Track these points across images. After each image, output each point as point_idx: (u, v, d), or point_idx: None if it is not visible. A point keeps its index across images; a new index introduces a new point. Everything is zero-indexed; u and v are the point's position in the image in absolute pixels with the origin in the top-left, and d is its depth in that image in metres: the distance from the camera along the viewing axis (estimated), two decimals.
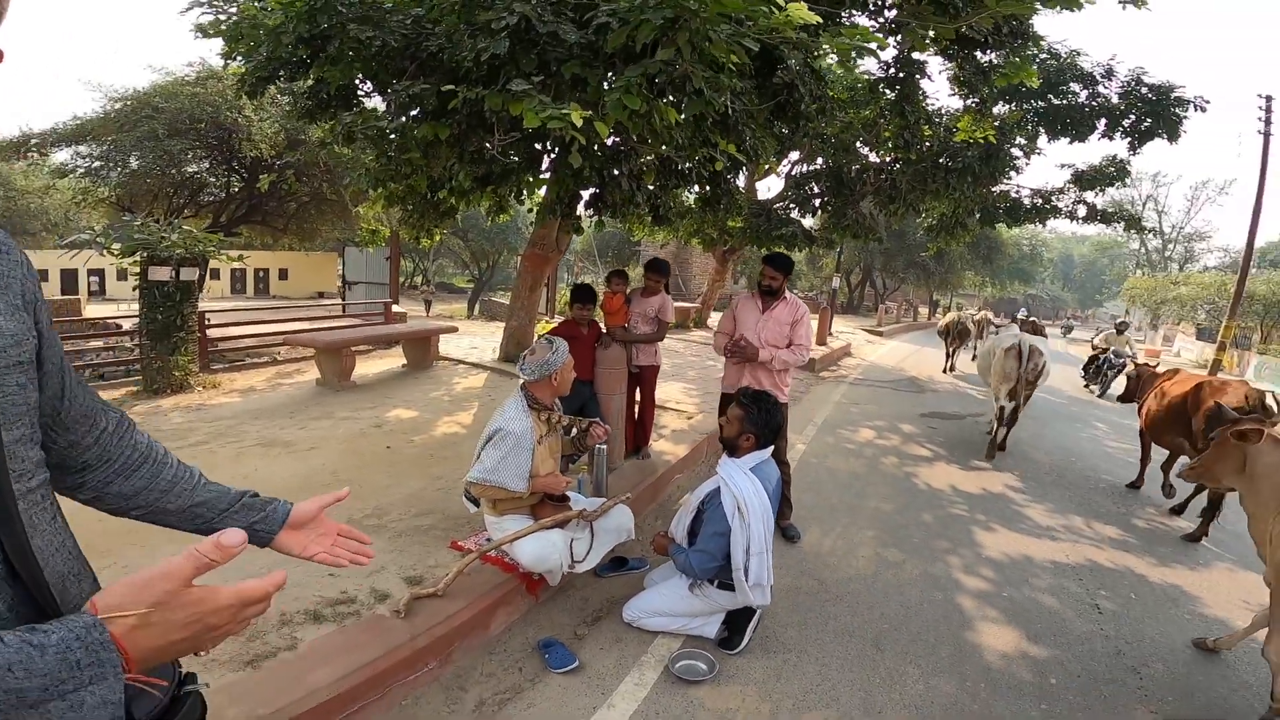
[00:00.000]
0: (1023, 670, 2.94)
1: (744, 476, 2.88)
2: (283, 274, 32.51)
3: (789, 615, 3.24)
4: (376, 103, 5.83)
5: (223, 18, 4.49)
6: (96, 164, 13.36)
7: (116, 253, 6.70)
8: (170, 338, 6.74)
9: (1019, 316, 14.71)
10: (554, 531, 2.98)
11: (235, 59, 4.76)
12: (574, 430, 3.40)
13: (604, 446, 3.92)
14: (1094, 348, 12.75)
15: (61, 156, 14.13)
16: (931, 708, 2.62)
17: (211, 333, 8.28)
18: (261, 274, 32.06)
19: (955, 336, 13.52)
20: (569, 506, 3.16)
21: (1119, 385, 9.67)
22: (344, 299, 14.59)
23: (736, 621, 2.94)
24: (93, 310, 17.32)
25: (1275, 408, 4.56)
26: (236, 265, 8.15)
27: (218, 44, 4.76)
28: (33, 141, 13.65)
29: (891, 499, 5.24)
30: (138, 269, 6.67)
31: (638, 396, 5.13)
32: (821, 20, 2.78)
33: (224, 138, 13.05)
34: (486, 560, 3.00)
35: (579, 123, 2.49)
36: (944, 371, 13.82)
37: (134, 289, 6.89)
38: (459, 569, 2.78)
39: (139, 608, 0.68)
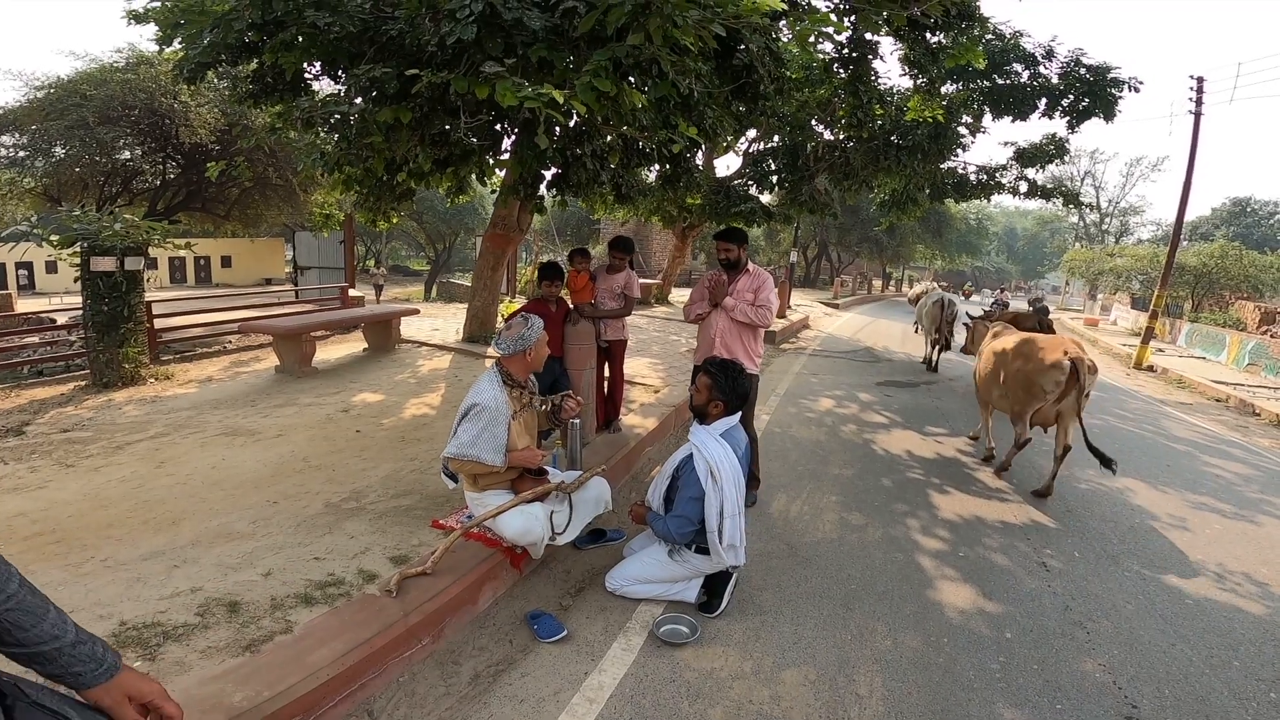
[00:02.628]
0: (981, 625, 3.13)
1: (715, 442, 3.01)
2: (225, 261, 31.39)
3: (763, 579, 3.40)
4: (325, 86, 5.69)
5: (157, 4, 4.32)
6: (21, 154, 12.73)
7: (55, 243, 6.42)
8: (118, 329, 6.53)
9: (965, 287, 16.60)
10: (535, 505, 3.06)
11: (172, 44, 4.60)
12: (547, 405, 3.47)
13: (578, 421, 4.01)
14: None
15: None
16: (900, 662, 2.80)
17: (159, 323, 8.02)
18: (203, 262, 30.87)
19: None
20: (547, 480, 3.23)
21: None
22: (296, 285, 14.22)
23: (714, 585, 3.08)
24: (24, 305, 16.47)
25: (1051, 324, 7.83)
26: (177, 254, 7.87)
27: (148, 30, 4.59)
28: None
29: (852, 465, 5.47)
30: (77, 260, 6.41)
31: (607, 372, 5.22)
32: (786, 7, 2.86)
33: (159, 124, 12.56)
34: (470, 536, 3.06)
35: (561, 101, 2.52)
36: (915, 331, 15.28)
37: (75, 280, 6.63)
38: (445, 546, 2.84)
39: None
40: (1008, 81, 10.53)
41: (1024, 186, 12.79)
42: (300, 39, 3.43)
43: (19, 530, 3.37)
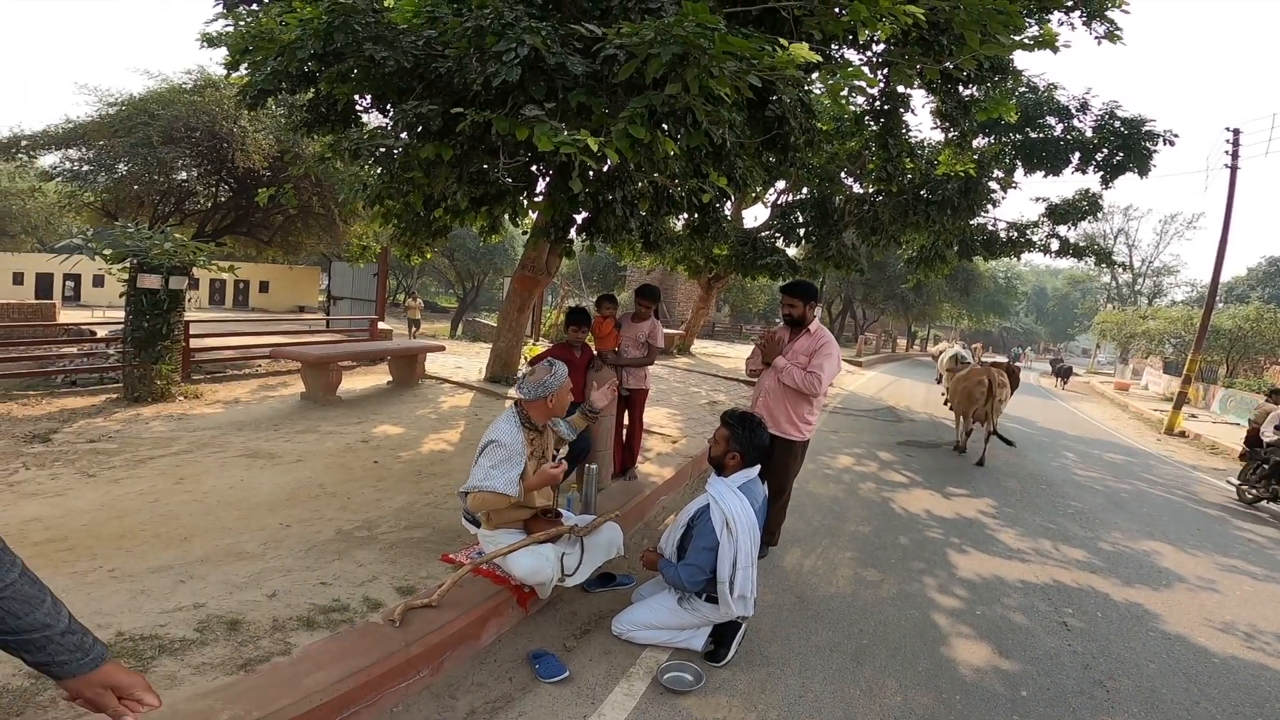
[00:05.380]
0: (995, 683, 3.03)
1: (732, 494, 2.98)
2: (263, 286, 32.19)
3: (772, 631, 3.32)
4: (373, 119, 5.93)
5: (233, 28, 4.58)
6: (85, 168, 13.20)
7: (107, 257, 6.67)
8: (156, 345, 6.71)
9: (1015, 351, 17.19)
10: (546, 545, 3.04)
11: (239, 69, 4.84)
12: (559, 454, 3.44)
13: (594, 466, 4.02)
14: (1252, 428, 8.54)
15: (50, 159, 13.96)
16: (910, 718, 2.70)
17: (194, 343, 8.23)
18: (242, 285, 31.72)
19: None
20: (560, 522, 3.22)
21: None
22: (329, 314, 14.53)
23: (722, 635, 3.01)
24: (66, 315, 17.05)
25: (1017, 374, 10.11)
26: (219, 276, 8.22)
27: (219, 54, 4.84)
28: (23, 143, 13.48)
29: (869, 522, 5.35)
30: (126, 275, 6.64)
31: (626, 420, 5.20)
32: (820, 59, 2.95)
33: (217, 147, 13.03)
34: (478, 572, 3.05)
35: (595, 148, 2.60)
36: (937, 381, 15.03)
37: (120, 295, 6.85)
38: (453, 580, 2.82)
39: None
40: (1040, 135, 10.47)
41: (1055, 244, 12.62)
42: (355, 71, 3.61)
43: (31, 535, 3.42)
